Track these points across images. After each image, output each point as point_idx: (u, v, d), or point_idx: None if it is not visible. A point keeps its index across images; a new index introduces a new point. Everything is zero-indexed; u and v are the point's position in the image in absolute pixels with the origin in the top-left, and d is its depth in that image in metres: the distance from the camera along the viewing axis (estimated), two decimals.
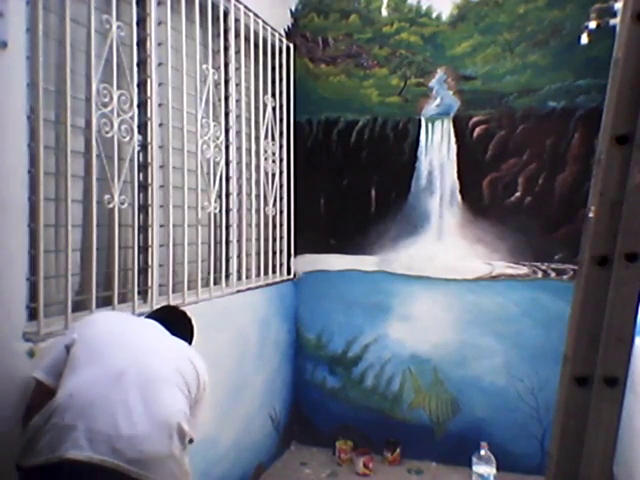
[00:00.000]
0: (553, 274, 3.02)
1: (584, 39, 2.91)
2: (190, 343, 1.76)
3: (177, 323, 1.74)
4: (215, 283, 2.58)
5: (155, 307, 2.16)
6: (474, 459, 2.87)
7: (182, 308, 1.90)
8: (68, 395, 1.32)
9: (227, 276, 2.77)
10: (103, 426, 1.27)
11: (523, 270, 3.07)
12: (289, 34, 3.33)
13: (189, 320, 1.85)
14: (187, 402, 1.46)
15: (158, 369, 1.45)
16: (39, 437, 1.28)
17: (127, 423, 1.29)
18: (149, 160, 2.18)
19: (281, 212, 3.27)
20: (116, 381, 1.36)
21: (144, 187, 2.18)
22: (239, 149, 2.79)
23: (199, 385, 1.56)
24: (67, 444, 1.24)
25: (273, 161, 3.14)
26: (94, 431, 1.26)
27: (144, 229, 2.20)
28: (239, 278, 2.80)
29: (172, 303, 2.24)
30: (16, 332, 1.57)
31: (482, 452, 2.85)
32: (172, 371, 1.47)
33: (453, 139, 3.17)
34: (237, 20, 2.74)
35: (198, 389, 1.55)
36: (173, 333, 1.63)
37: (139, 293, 2.13)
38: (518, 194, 3.07)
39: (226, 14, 2.67)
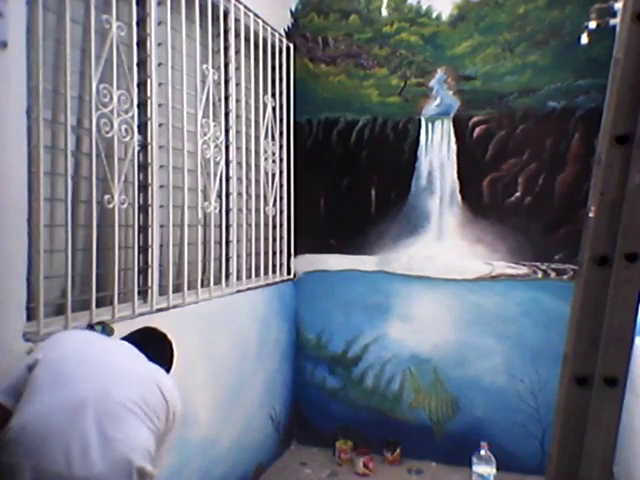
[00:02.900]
0: (553, 274, 3.02)
1: (584, 39, 2.91)
2: (169, 367, 1.64)
3: (154, 346, 1.60)
4: (215, 283, 2.58)
5: (156, 307, 2.17)
6: (474, 459, 2.87)
7: (163, 330, 1.74)
8: (21, 427, 1.21)
9: (227, 276, 2.77)
10: (55, 466, 1.16)
11: (523, 270, 3.07)
12: (289, 34, 3.33)
13: (169, 343, 1.71)
14: (153, 436, 1.32)
15: (121, 399, 1.30)
16: None
17: (82, 462, 1.17)
18: (149, 160, 2.18)
19: (281, 212, 3.27)
20: (74, 413, 1.23)
21: (144, 187, 2.18)
22: (239, 149, 2.79)
23: (168, 416, 1.41)
24: None
25: (273, 161, 3.14)
26: (44, 472, 1.15)
27: (144, 229, 2.19)
28: (239, 278, 2.79)
29: (172, 303, 2.25)
30: (16, 332, 1.57)
31: (482, 452, 2.85)
32: (137, 401, 1.33)
33: (453, 139, 3.17)
34: (237, 20, 2.74)
35: (167, 420, 1.40)
36: (149, 357, 1.50)
37: (139, 293, 2.13)
38: (518, 194, 3.07)
39: (226, 14, 2.67)
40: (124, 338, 1.62)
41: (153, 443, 1.32)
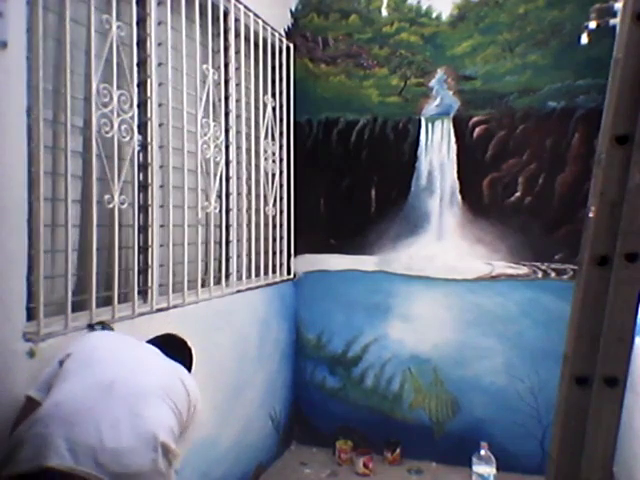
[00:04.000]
0: (553, 274, 3.02)
1: (584, 39, 2.90)
2: (188, 372, 1.71)
3: (175, 350, 1.71)
4: (215, 283, 2.58)
5: (156, 307, 2.17)
6: (474, 459, 2.87)
7: (183, 337, 1.86)
8: (54, 404, 1.29)
9: (227, 276, 2.77)
10: (87, 437, 1.23)
11: (523, 270, 3.06)
12: (289, 34, 3.33)
13: (189, 350, 1.82)
14: (176, 420, 1.42)
15: (148, 384, 1.42)
16: (21, 446, 1.23)
17: (112, 435, 1.25)
18: (149, 160, 2.18)
19: (281, 212, 3.27)
20: (104, 392, 1.33)
21: (144, 187, 2.18)
22: (239, 149, 2.79)
23: (189, 407, 1.51)
24: (49, 452, 1.19)
25: (273, 161, 3.14)
26: (77, 442, 1.22)
27: (144, 229, 2.20)
28: (239, 278, 2.80)
29: (172, 303, 2.25)
30: (16, 332, 1.57)
31: (482, 452, 2.85)
32: (162, 388, 1.44)
33: (453, 139, 3.17)
34: (237, 20, 2.74)
35: (188, 412, 1.50)
36: (170, 359, 1.61)
37: (139, 293, 2.13)
38: (518, 194, 3.07)
39: (226, 14, 2.67)
40: (148, 341, 1.73)
41: (176, 425, 1.41)
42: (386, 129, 3.27)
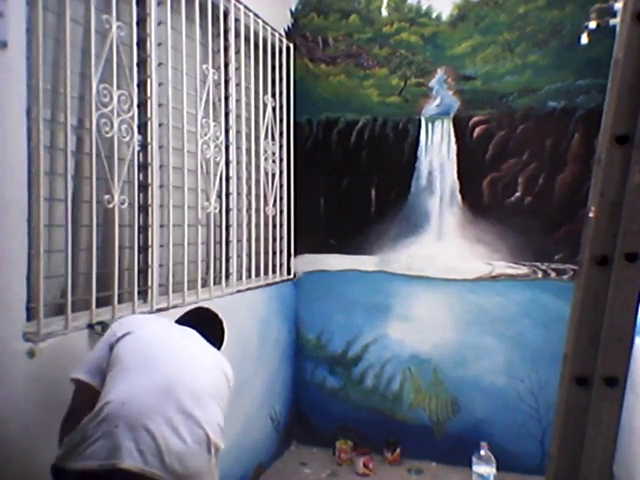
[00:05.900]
0: (553, 274, 3.02)
1: (584, 39, 2.90)
2: (220, 345, 1.80)
3: (209, 326, 1.77)
4: (215, 283, 2.58)
5: (156, 307, 2.17)
6: (474, 459, 2.86)
7: (213, 310, 1.90)
8: (121, 403, 1.35)
9: (227, 276, 2.77)
10: (153, 439, 1.31)
11: (523, 270, 3.07)
12: (289, 34, 3.33)
13: (220, 322, 1.87)
14: (222, 414, 1.52)
15: (202, 385, 1.49)
16: (90, 441, 1.29)
17: (176, 438, 1.34)
18: (149, 160, 2.18)
19: (281, 212, 3.27)
20: (165, 394, 1.39)
21: (144, 187, 2.18)
22: (239, 149, 2.79)
23: (229, 395, 1.62)
24: (122, 453, 1.27)
25: (273, 161, 3.14)
26: (146, 443, 1.30)
27: (144, 229, 2.20)
28: (239, 278, 2.80)
29: (172, 303, 2.25)
30: (16, 332, 1.57)
31: (482, 452, 2.85)
32: (213, 386, 1.53)
33: (453, 139, 3.17)
34: (237, 20, 2.74)
35: (229, 399, 1.61)
36: (205, 336, 1.67)
37: (139, 293, 2.13)
38: (518, 194, 3.07)
39: (226, 14, 2.67)
40: (180, 317, 1.79)
41: (223, 420, 1.51)
42: (386, 129, 3.27)
